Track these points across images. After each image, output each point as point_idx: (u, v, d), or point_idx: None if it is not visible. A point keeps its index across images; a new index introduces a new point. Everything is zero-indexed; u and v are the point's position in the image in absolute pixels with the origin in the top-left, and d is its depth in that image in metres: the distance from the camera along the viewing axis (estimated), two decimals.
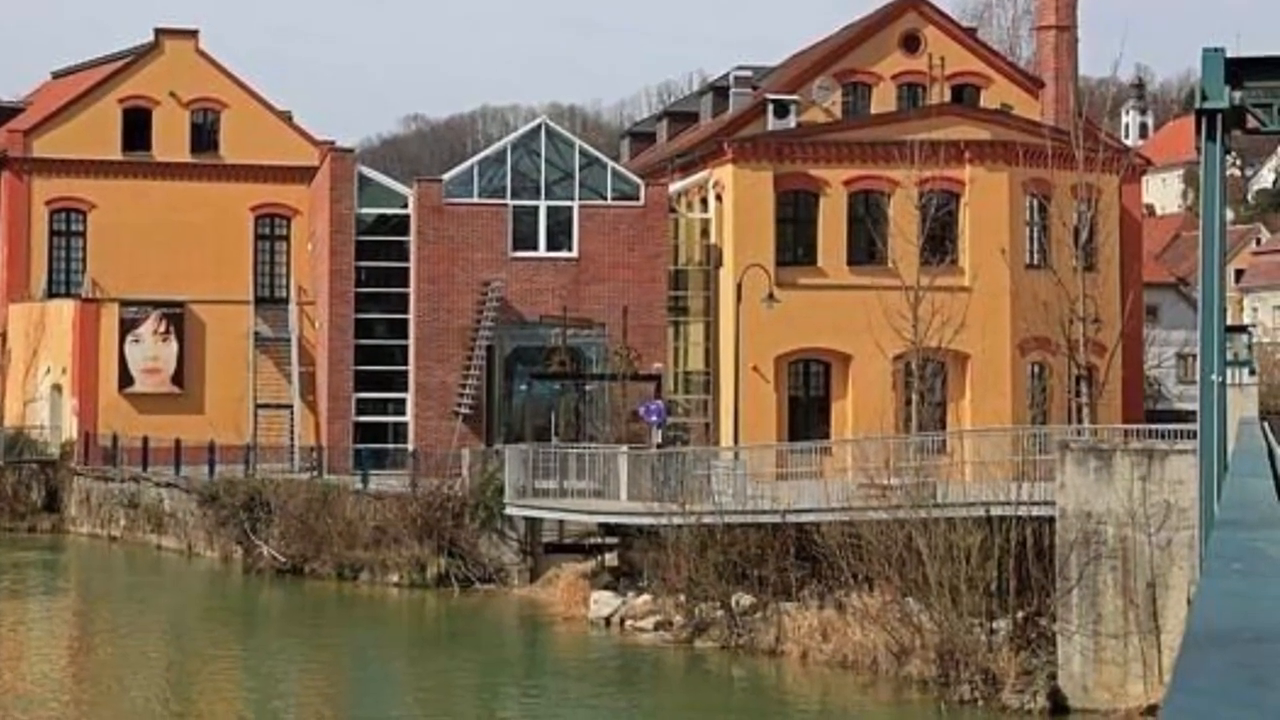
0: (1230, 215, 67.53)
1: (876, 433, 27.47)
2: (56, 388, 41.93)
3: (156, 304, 41.42)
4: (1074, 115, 33.47)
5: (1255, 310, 66.53)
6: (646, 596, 25.49)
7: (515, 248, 34.85)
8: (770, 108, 36.87)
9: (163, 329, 41.35)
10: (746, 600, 23.86)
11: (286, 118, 45.03)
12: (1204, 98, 11.95)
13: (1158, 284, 47.86)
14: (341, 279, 35.79)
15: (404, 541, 29.25)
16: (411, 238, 35.29)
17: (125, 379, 40.95)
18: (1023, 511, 21.11)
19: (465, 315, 34.44)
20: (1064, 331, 29.93)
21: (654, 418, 31.25)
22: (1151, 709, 18.94)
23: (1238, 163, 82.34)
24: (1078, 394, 30.26)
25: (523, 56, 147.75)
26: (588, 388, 34.44)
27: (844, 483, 24.87)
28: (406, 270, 35.39)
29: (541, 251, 35.00)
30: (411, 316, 35.14)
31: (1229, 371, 13.75)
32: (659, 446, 29.78)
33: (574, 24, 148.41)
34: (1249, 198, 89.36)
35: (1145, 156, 45.18)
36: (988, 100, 38.61)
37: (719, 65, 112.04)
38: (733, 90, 41.22)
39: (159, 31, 44.38)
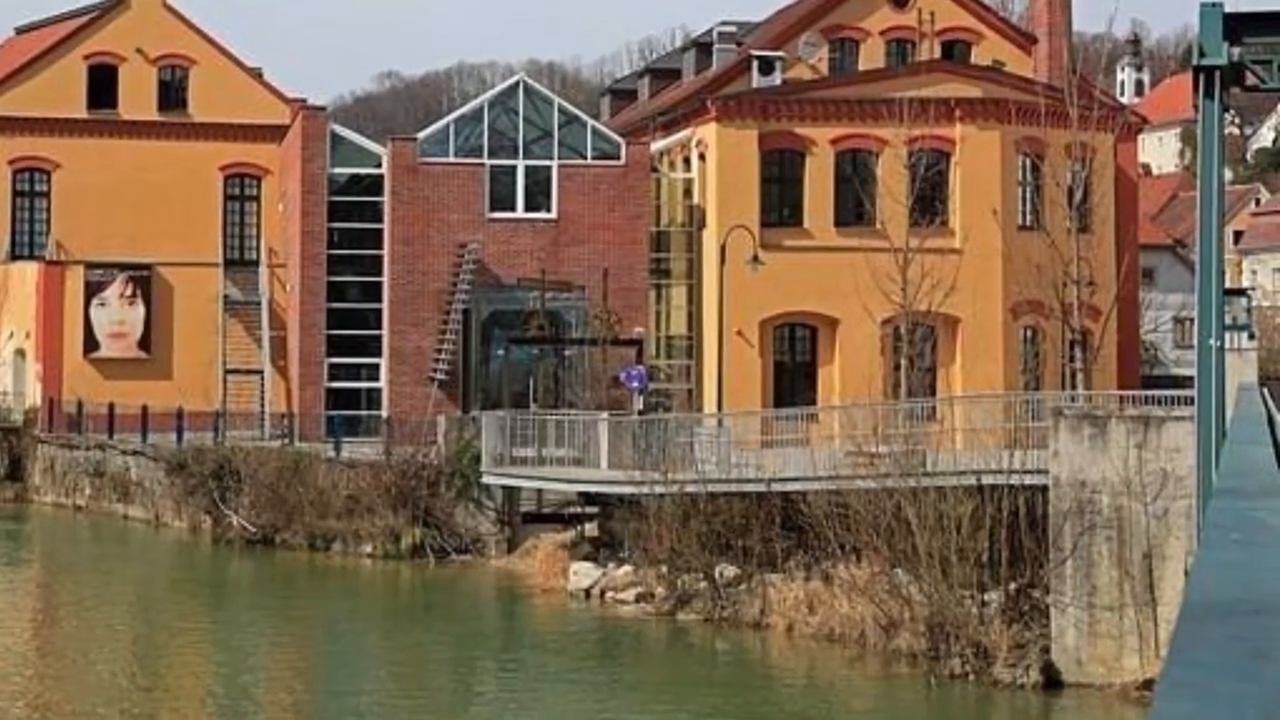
0: (1229, 175, 66.95)
1: (864, 399, 26.92)
2: (19, 352, 41.19)
3: (123, 266, 40.61)
4: (1068, 72, 32.67)
5: (1254, 273, 65.91)
6: (627, 568, 25.05)
7: (492, 208, 34.12)
8: (755, 65, 36.17)
9: (129, 292, 40.50)
10: (730, 571, 23.44)
11: (257, 75, 44.01)
12: (1202, 54, 11.49)
13: (1154, 246, 47.24)
14: (313, 241, 35.05)
15: (378, 511, 28.74)
16: (386, 198, 34.54)
17: (90, 344, 40.20)
18: (1015, 480, 20.74)
19: (441, 278, 33.72)
20: (1057, 295, 29.28)
21: (635, 383, 30.59)
22: (1148, 683, 18.52)
23: (1236, 121, 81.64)
24: (1071, 359, 29.66)
25: (501, 11, 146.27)
26: (567, 353, 33.84)
27: (831, 451, 24.46)
28: (380, 232, 34.66)
29: (519, 212, 34.27)
30: (386, 279, 34.42)
31: (1227, 336, 13.20)
32: (640, 413, 29.22)
33: None
34: (1248, 157, 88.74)
35: (1141, 115, 44.63)
36: (979, 57, 37.97)
37: (702, 21, 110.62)
38: (716, 46, 40.50)
39: None
